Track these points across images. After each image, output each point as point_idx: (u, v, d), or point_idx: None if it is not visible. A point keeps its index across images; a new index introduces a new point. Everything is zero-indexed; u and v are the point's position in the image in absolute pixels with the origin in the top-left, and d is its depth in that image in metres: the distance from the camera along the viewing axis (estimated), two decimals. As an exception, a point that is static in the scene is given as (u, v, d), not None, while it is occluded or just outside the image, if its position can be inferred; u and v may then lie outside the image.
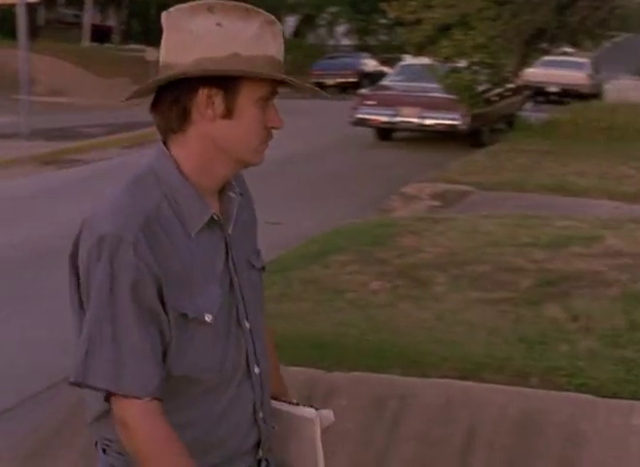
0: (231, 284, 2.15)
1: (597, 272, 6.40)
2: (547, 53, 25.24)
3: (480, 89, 18.93)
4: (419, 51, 19.51)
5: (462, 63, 18.55)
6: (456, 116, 18.20)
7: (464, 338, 5.22)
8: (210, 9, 2.03)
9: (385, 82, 20.68)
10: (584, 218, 8.67)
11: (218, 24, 2.02)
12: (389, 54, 35.15)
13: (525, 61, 21.70)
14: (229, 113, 2.05)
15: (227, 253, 2.15)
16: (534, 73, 30.13)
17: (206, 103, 2.03)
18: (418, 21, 18.61)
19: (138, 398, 1.97)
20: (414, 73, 19.28)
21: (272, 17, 2.07)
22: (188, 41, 2.03)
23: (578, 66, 32.06)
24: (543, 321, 5.47)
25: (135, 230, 1.97)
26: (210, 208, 2.10)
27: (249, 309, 2.19)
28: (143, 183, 2.07)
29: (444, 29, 18.26)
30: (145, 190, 2.06)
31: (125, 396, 1.97)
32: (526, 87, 24.92)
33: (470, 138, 18.45)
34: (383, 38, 45.31)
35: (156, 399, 1.99)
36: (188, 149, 2.09)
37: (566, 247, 7.32)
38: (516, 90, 22.44)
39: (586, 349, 4.97)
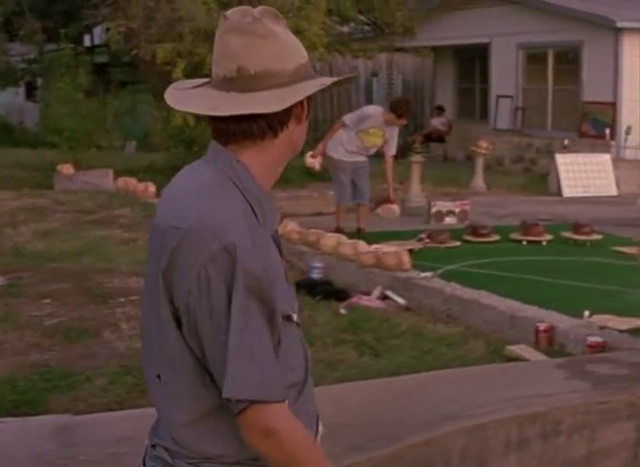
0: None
1: None
2: None
3: None
4: None
5: None
6: None
7: None
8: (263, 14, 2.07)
9: None
10: None
11: (286, 32, 2.08)
12: None
13: None
14: (306, 116, 2.13)
15: (280, 252, 2.14)
16: None
17: (303, 109, 2.09)
18: None
19: (282, 403, 1.96)
20: None
21: None
22: (286, 49, 2.06)
23: None
24: None
25: (248, 235, 1.95)
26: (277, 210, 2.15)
27: None
28: (225, 188, 2.02)
29: None
30: (232, 195, 2.02)
31: (269, 403, 1.93)
32: None
33: None
34: None
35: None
36: (268, 154, 2.09)
37: None
38: None
39: None
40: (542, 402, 3.86)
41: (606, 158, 16.53)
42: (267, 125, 2.05)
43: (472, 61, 23.76)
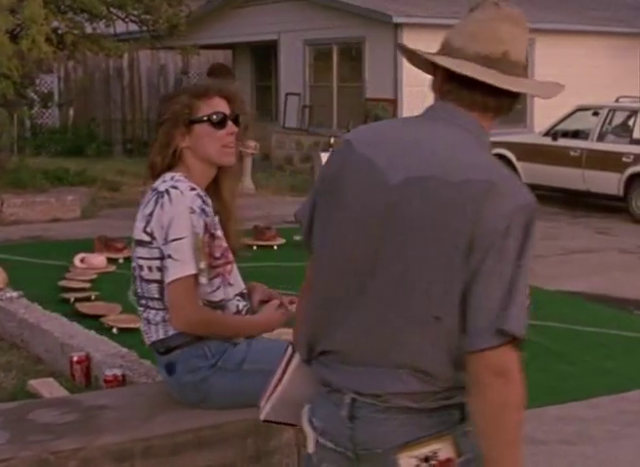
0: None
1: None
2: None
3: None
4: None
5: None
6: None
7: None
8: None
9: None
10: None
11: None
12: None
13: None
14: None
15: None
16: None
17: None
18: None
19: (518, 348, 2.14)
20: None
21: None
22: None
23: None
24: None
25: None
26: None
27: None
28: (488, 148, 2.33)
29: None
30: None
31: (514, 345, 2.12)
32: None
33: None
34: None
35: None
36: (489, 128, 2.34)
37: None
38: None
39: None
40: None
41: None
42: (507, 106, 2.34)
43: (268, 59, 23.18)
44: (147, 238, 3.44)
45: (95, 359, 4.91)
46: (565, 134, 15.16)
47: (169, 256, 3.36)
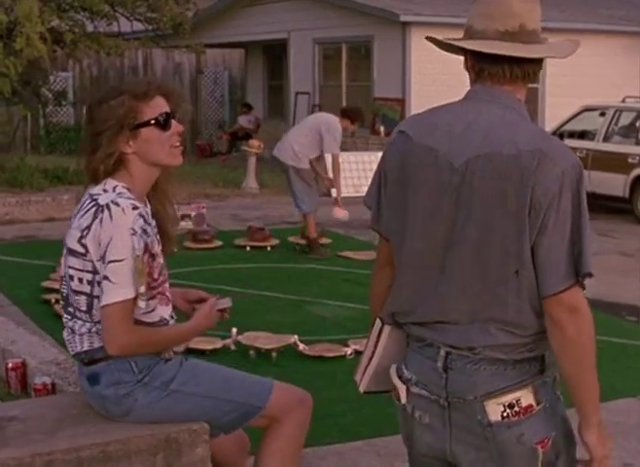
0: None
1: None
2: None
3: None
4: None
5: None
6: None
7: None
8: None
9: None
10: None
11: None
12: None
13: None
14: None
15: None
16: None
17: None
18: None
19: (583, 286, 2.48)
20: None
21: None
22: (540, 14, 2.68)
23: None
24: None
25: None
26: None
27: None
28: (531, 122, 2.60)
29: None
30: None
31: (580, 284, 2.46)
32: None
33: None
34: None
35: None
36: (523, 95, 2.62)
37: None
38: None
39: None
40: None
41: (380, 155, 15.79)
42: (532, 71, 2.58)
43: (279, 58, 23.04)
44: (81, 250, 3.26)
45: (31, 366, 4.75)
46: (572, 135, 14.88)
47: (106, 278, 3.19)
